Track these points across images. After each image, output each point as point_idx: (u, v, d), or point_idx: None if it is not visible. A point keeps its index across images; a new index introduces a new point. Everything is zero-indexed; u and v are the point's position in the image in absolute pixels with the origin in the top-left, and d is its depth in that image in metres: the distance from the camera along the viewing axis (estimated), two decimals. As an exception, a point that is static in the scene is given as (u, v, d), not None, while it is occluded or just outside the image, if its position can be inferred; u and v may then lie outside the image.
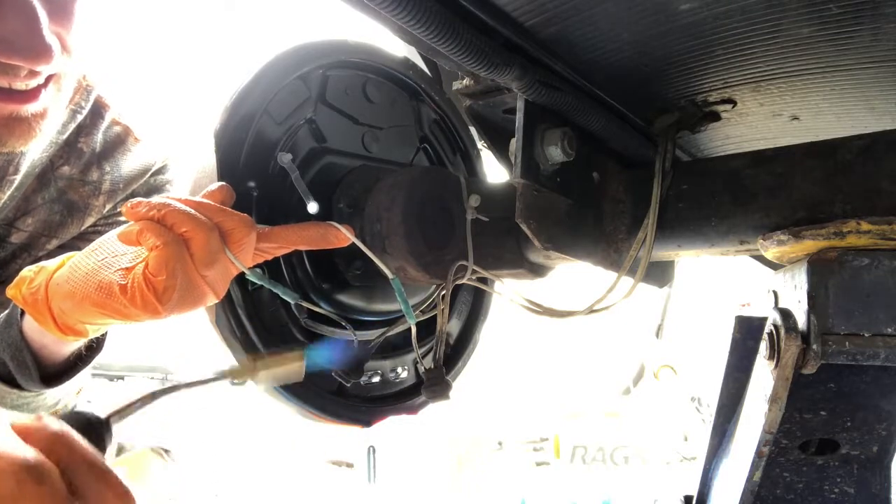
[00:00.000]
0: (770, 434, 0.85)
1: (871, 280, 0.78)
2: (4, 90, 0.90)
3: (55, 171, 1.17)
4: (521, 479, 3.97)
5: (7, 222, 1.15)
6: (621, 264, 1.01)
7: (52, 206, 1.17)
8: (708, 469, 1.12)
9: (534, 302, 1.00)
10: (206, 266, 0.79)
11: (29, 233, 1.16)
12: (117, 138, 1.23)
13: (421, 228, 1.01)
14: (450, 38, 0.75)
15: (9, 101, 0.91)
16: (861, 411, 0.88)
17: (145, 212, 0.79)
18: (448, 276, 1.01)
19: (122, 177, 1.23)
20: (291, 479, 4.25)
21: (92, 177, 1.20)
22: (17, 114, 0.93)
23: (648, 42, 0.83)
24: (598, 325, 4.23)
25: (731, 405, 1.08)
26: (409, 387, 1.19)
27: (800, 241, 0.82)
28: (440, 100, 1.25)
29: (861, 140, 0.85)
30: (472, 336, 1.30)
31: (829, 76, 0.89)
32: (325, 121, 1.06)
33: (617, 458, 4.01)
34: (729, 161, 0.97)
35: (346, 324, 1.04)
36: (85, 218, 1.21)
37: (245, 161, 0.96)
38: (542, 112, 0.92)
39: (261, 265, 0.94)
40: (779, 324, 0.80)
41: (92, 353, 1.01)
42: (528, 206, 0.90)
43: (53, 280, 0.83)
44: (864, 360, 0.77)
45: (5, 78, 0.89)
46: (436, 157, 1.26)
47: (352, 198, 1.04)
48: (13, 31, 0.85)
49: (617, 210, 1.04)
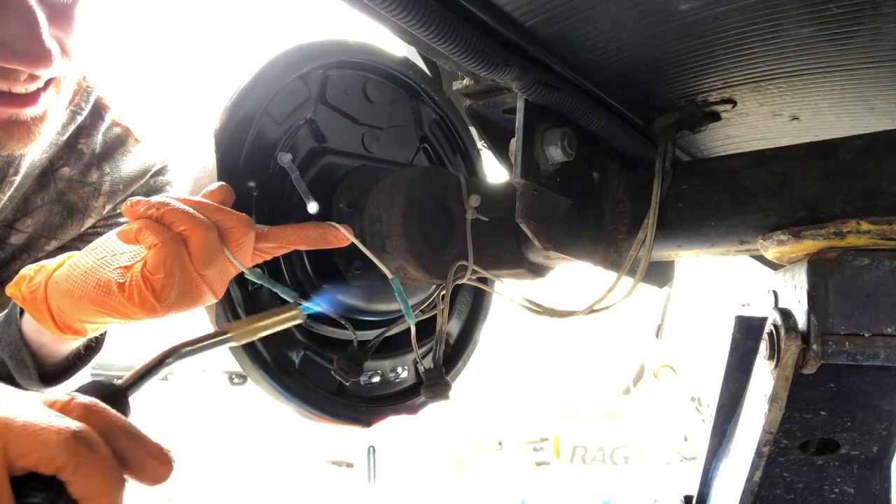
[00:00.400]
0: (770, 434, 0.85)
1: (871, 280, 0.78)
2: (4, 94, 0.90)
3: (55, 172, 1.17)
4: (521, 479, 3.97)
5: (7, 223, 1.15)
6: (621, 264, 1.01)
7: (52, 208, 1.17)
8: (708, 469, 1.12)
9: (534, 302, 1.00)
10: (204, 265, 0.79)
11: (28, 234, 1.16)
12: (117, 139, 1.23)
13: (421, 228, 1.01)
14: (450, 38, 0.75)
15: (8, 104, 0.92)
16: (861, 411, 0.88)
17: (144, 210, 0.78)
18: (448, 276, 1.01)
19: (122, 178, 1.23)
20: (291, 479, 4.25)
21: (92, 178, 1.20)
22: (17, 117, 0.93)
23: (648, 42, 0.83)
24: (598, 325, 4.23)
25: (731, 405, 1.08)
26: (409, 387, 1.19)
27: (800, 241, 0.82)
28: (440, 100, 1.25)
29: (861, 140, 0.85)
30: (472, 336, 1.30)
31: (829, 76, 0.89)
32: (325, 121, 1.06)
33: (617, 458, 4.02)
34: (729, 161, 0.97)
35: (346, 323, 1.04)
36: (84, 219, 1.21)
37: (245, 161, 0.96)
38: (542, 112, 0.92)
39: (260, 265, 0.94)
40: (779, 324, 0.80)
41: (91, 353, 1.01)
42: (528, 206, 0.90)
43: (53, 279, 0.83)
44: (864, 360, 0.77)
45: (5, 82, 0.89)
46: (436, 157, 1.26)
47: (352, 198, 1.04)
48: (13, 36, 0.85)
49: (617, 210, 1.04)
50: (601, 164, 1.05)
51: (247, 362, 0.95)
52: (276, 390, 0.97)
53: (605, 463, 4.01)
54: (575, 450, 4.03)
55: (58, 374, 0.98)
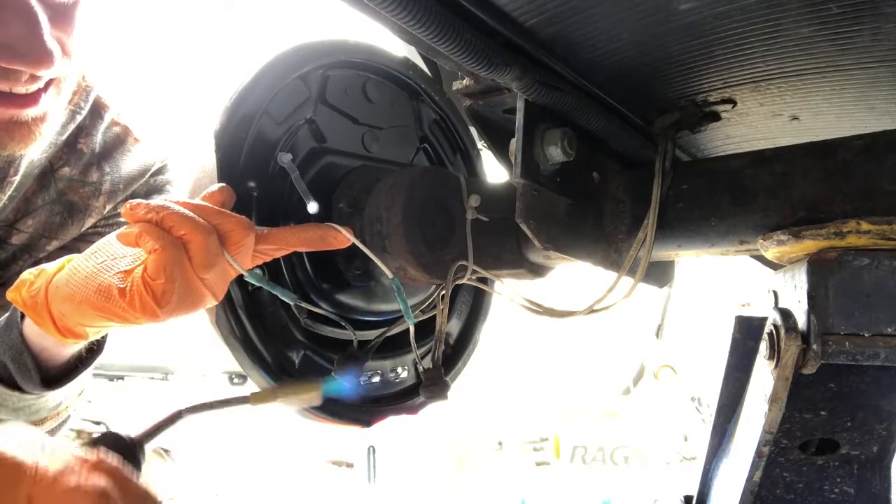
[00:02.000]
0: (770, 434, 0.85)
1: (871, 280, 0.78)
2: (5, 94, 0.91)
3: (55, 172, 1.17)
4: (521, 479, 3.97)
5: (7, 224, 1.15)
6: (621, 264, 1.01)
7: (53, 208, 1.17)
8: (708, 469, 1.12)
9: (534, 302, 1.00)
10: (204, 269, 0.79)
11: (29, 234, 1.16)
12: (117, 139, 1.23)
13: (421, 228, 1.01)
14: (450, 38, 0.75)
15: (9, 105, 0.92)
16: (861, 411, 0.88)
17: (144, 214, 0.79)
18: (448, 276, 1.01)
19: (122, 177, 1.23)
20: (291, 479, 4.25)
21: (92, 178, 1.20)
22: (18, 118, 0.94)
23: (648, 42, 0.83)
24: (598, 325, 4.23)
25: (731, 405, 1.08)
26: (409, 387, 1.19)
27: (800, 241, 0.82)
28: (440, 100, 1.25)
29: (861, 140, 0.85)
30: (472, 336, 1.30)
31: (829, 76, 0.89)
32: (325, 121, 1.06)
33: (617, 458, 4.02)
34: (729, 161, 0.97)
35: (346, 324, 1.04)
36: (85, 219, 1.21)
37: (245, 161, 0.96)
38: (542, 112, 0.92)
39: (260, 266, 0.94)
40: (779, 324, 0.80)
41: (92, 356, 1.01)
42: (528, 206, 0.90)
43: (53, 283, 0.83)
44: (864, 360, 0.77)
45: (6, 82, 0.89)
46: (436, 157, 1.26)
47: (352, 198, 1.04)
48: (15, 37, 0.86)
49: (617, 210, 1.04)
50: (601, 164, 1.05)
51: (247, 362, 0.95)
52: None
53: (605, 463, 4.01)
54: (575, 450, 4.03)
55: (60, 377, 0.98)
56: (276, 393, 0.88)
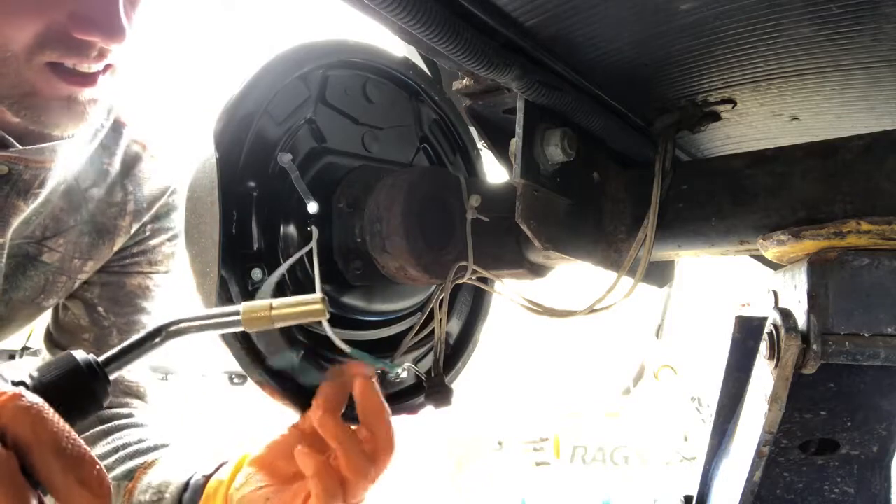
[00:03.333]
0: (770, 434, 0.85)
1: (871, 280, 0.78)
2: (69, 70, 0.91)
3: (85, 192, 1.17)
4: (521, 479, 3.97)
5: (36, 240, 1.15)
6: (621, 264, 1.01)
7: (83, 228, 1.19)
8: (708, 469, 1.12)
9: (534, 302, 1.00)
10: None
11: (61, 254, 1.17)
12: (136, 156, 1.24)
13: (421, 228, 1.01)
14: (450, 38, 0.75)
15: (71, 82, 0.92)
16: (861, 411, 0.88)
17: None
18: (448, 276, 1.01)
19: (145, 196, 1.25)
20: (291, 479, 4.24)
21: (116, 197, 1.21)
22: (76, 96, 0.94)
23: (648, 42, 0.83)
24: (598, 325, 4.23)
25: (731, 405, 1.08)
26: (409, 387, 1.18)
27: (800, 241, 0.82)
28: (440, 100, 1.25)
29: (861, 140, 0.85)
30: (472, 336, 1.30)
31: (829, 76, 0.89)
32: (325, 121, 1.06)
33: (617, 458, 4.02)
34: (729, 161, 0.97)
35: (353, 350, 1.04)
36: (115, 239, 1.23)
37: (245, 161, 0.96)
38: (542, 112, 0.92)
39: (261, 266, 0.95)
40: (779, 324, 0.80)
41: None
42: (528, 206, 0.90)
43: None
44: (864, 360, 0.77)
45: (74, 57, 0.90)
46: (436, 157, 1.26)
47: (352, 198, 1.04)
48: (94, 7, 0.87)
49: (617, 210, 1.04)
50: (601, 164, 1.05)
51: (246, 362, 0.95)
52: (277, 389, 0.97)
53: (604, 463, 4.01)
54: (575, 450, 4.03)
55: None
56: (271, 310, 0.73)
